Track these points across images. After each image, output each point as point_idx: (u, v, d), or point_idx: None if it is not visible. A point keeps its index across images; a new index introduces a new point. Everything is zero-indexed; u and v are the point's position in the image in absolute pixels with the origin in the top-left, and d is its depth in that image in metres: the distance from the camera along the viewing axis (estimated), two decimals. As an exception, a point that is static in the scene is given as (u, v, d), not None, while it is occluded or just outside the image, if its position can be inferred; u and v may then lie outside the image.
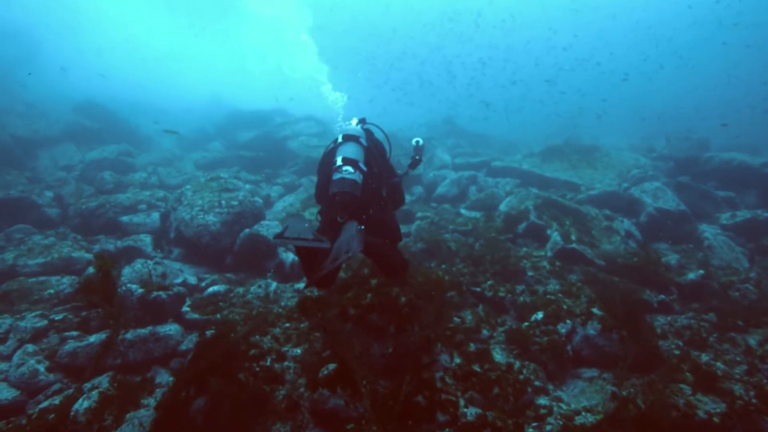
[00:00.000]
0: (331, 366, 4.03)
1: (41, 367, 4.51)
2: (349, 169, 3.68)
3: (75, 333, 5.07)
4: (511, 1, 39.15)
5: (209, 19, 40.45)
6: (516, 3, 39.84)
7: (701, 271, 6.53)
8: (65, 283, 6.31)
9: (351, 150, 3.89)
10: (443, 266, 6.92)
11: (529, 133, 21.62)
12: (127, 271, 6.10)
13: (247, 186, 8.69)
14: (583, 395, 4.49)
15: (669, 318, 5.82)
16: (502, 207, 9.46)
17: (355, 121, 4.57)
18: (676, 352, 5.10)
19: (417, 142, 5.04)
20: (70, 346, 4.63)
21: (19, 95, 14.92)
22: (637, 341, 4.86)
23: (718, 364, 4.82)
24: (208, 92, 28.90)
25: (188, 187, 8.41)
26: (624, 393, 4.33)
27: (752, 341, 5.21)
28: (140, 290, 4.90)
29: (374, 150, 4.26)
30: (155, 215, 8.14)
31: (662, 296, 6.15)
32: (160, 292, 4.96)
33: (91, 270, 6.17)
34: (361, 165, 3.82)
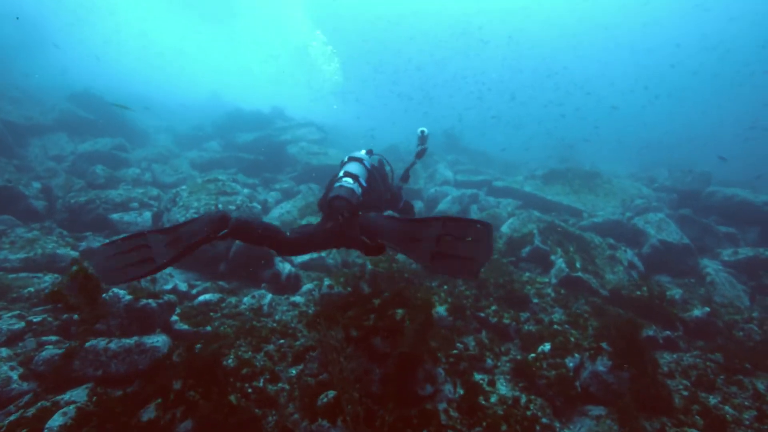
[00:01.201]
0: (331, 393, 3.76)
1: (14, 375, 4.15)
2: (350, 180, 4.07)
3: (54, 338, 4.73)
4: (517, 23, 39.76)
5: (217, 19, 40.52)
6: (521, 27, 40.53)
7: (707, 309, 6.40)
8: (47, 281, 5.96)
9: (354, 168, 4.30)
10: (445, 287, 6.70)
11: (528, 152, 21.74)
12: (114, 273, 5.75)
13: (245, 190, 8.41)
14: (591, 436, 4.27)
15: (675, 356, 5.67)
16: (505, 229, 9.32)
17: (363, 151, 4.98)
18: (684, 393, 4.94)
19: (422, 131, 5.45)
20: (47, 352, 4.28)
21: (15, 81, 14.51)
22: (645, 380, 4.68)
23: (727, 408, 4.68)
24: (208, 90, 28.71)
25: (184, 187, 8.12)
26: (634, 436, 4.13)
27: (760, 385, 5.07)
28: (128, 297, 4.59)
29: (376, 174, 4.68)
30: (147, 214, 7.81)
31: (668, 332, 6.01)
32: (150, 300, 4.65)
33: (74, 269, 5.82)
34: (362, 181, 4.20)
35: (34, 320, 4.99)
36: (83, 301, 4.60)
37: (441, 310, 5.71)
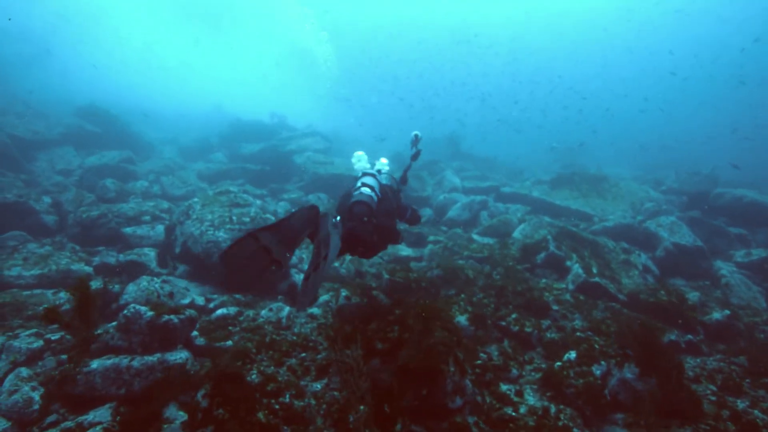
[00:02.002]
0: (362, 408, 3.70)
1: (36, 395, 4.10)
2: (367, 190, 4.77)
3: (74, 356, 4.67)
4: (518, 29, 40.08)
5: (219, 30, 40.79)
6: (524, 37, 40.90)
7: (727, 311, 6.35)
8: (62, 298, 5.91)
9: (370, 181, 4.99)
10: (462, 296, 6.65)
11: (534, 154, 21.79)
12: (131, 288, 5.71)
13: (258, 202, 8.38)
14: (623, 445, 4.21)
15: (698, 360, 5.61)
16: (516, 234, 9.30)
17: (384, 160, 5.89)
18: (712, 398, 4.88)
19: (416, 135, 6.06)
20: (69, 372, 4.23)
21: (20, 95, 14.53)
22: (672, 386, 4.62)
23: (756, 412, 4.61)
24: (211, 101, 28.81)
25: (196, 200, 8.09)
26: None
27: (790, 390, 5.01)
28: (150, 313, 4.53)
29: (387, 188, 5.34)
30: (160, 228, 7.76)
31: (689, 336, 5.96)
32: (172, 316, 4.59)
33: (93, 285, 5.77)
34: (377, 191, 4.90)
35: (53, 338, 4.95)
36: (78, 322, 4.55)
37: (462, 319, 5.66)
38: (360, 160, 6.20)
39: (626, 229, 9.38)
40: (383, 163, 5.99)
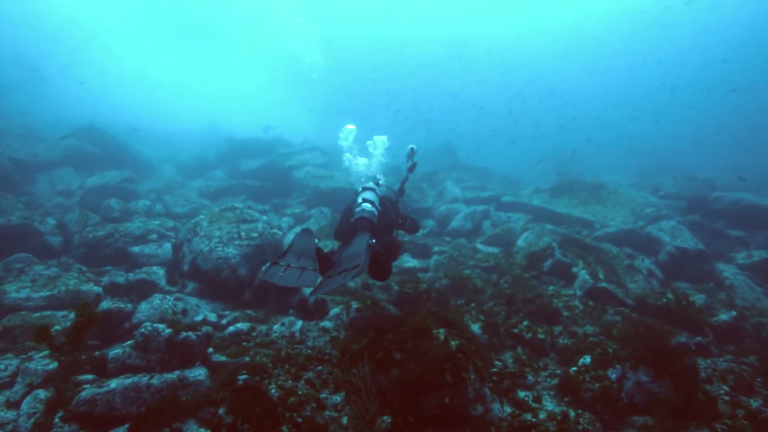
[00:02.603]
0: (387, 419, 3.71)
1: (56, 418, 4.07)
2: (368, 205, 4.99)
3: (90, 377, 4.65)
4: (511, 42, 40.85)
5: (210, 49, 41.20)
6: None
7: (734, 312, 6.44)
8: (72, 318, 5.87)
9: (370, 195, 5.21)
10: (472, 305, 6.69)
11: (525, 166, 22.07)
12: (144, 307, 5.71)
13: (264, 217, 8.42)
14: (644, 448, 4.23)
15: (709, 361, 5.67)
16: (521, 243, 9.39)
17: (381, 178, 6.09)
18: (726, 398, 4.93)
19: (411, 148, 6.25)
20: (87, 392, 4.19)
21: (16, 118, 14.56)
22: (687, 387, 4.67)
23: (770, 411, 4.66)
24: (206, 119, 28.97)
25: (202, 217, 8.11)
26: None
27: (801, 388, 5.08)
28: (168, 330, 4.54)
29: (386, 200, 5.59)
30: (167, 246, 7.77)
31: (698, 338, 6.02)
32: (189, 333, 4.59)
33: (104, 305, 5.76)
34: (377, 205, 5.13)
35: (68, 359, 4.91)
36: (67, 346, 4.53)
37: (475, 328, 5.69)
38: (349, 135, 6.42)
39: (628, 234, 9.51)
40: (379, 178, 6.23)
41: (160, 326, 4.57)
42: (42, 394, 4.30)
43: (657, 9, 34.69)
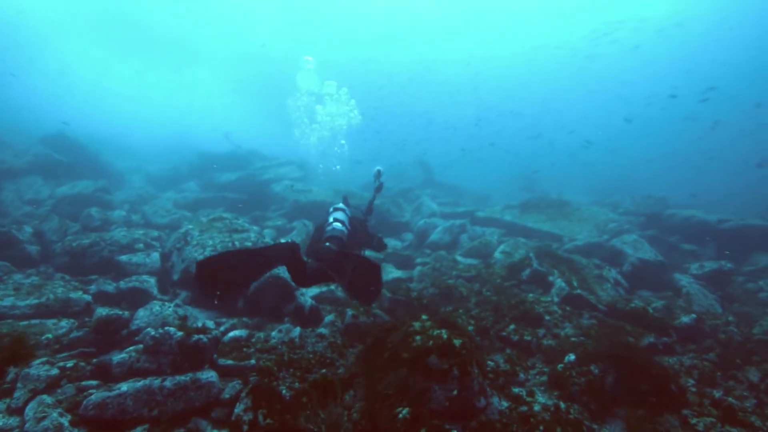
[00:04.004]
0: (404, 410, 3.96)
1: (65, 421, 4.02)
2: (338, 225, 5.33)
3: (94, 382, 4.61)
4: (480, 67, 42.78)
5: (172, 60, 40.53)
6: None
7: (693, 315, 7.15)
8: (64, 326, 5.77)
9: (340, 215, 5.57)
10: (460, 311, 7.06)
11: (493, 184, 23.12)
12: (143, 313, 5.68)
13: (255, 227, 8.51)
14: (627, 434, 4.68)
15: (675, 359, 6.27)
16: (497, 255, 9.91)
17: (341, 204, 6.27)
18: (693, 389, 5.51)
19: (378, 170, 6.70)
20: (96, 396, 4.18)
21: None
22: (658, 381, 5.20)
23: (730, 399, 5.25)
24: (172, 131, 28.45)
25: (190, 227, 8.11)
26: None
27: (753, 378, 5.74)
28: (180, 333, 4.59)
29: (355, 220, 6.03)
30: (155, 255, 7.68)
31: (665, 338, 6.64)
32: (201, 336, 4.67)
33: (99, 311, 5.68)
34: (347, 225, 5.47)
35: (68, 365, 4.84)
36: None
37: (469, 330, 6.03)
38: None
39: (595, 247, 10.27)
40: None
41: (171, 329, 4.63)
42: (48, 398, 4.23)
43: (586, 47, 37.74)
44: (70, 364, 4.87)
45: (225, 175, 16.31)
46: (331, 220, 5.49)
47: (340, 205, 5.92)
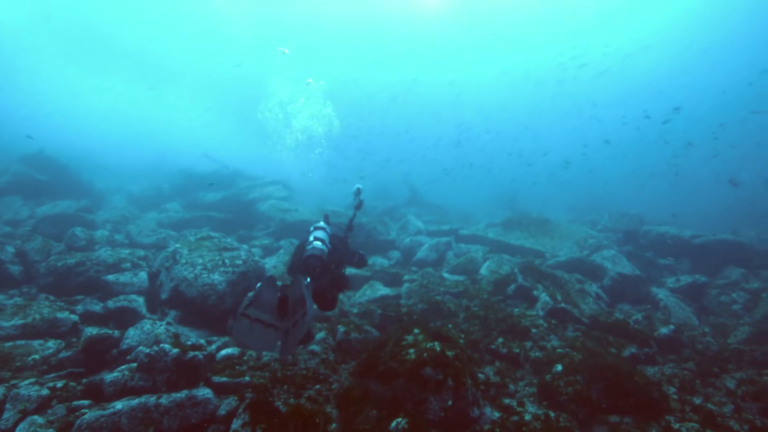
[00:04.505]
0: (402, 421, 4.04)
1: (58, 442, 3.97)
2: (318, 244, 5.40)
3: (86, 402, 4.55)
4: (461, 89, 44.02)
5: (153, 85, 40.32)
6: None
7: (672, 326, 7.46)
8: (51, 347, 5.65)
9: (320, 234, 5.66)
10: (449, 326, 7.19)
11: (474, 203, 23.62)
12: (133, 332, 5.63)
13: (245, 245, 8.53)
14: (615, 441, 4.84)
15: (656, 368, 6.52)
16: (483, 271, 10.13)
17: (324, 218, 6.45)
18: (675, 396, 5.74)
19: (358, 188, 6.82)
20: (90, 416, 4.13)
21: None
22: (642, 389, 5.42)
23: (710, 405, 5.50)
24: (153, 150, 28.23)
25: (178, 245, 8.08)
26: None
27: (729, 385, 6.03)
28: (175, 350, 4.59)
29: (335, 237, 6.11)
30: (143, 274, 7.62)
31: (646, 349, 6.90)
32: (197, 352, 4.67)
33: (88, 330, 5.60)
34: (327, 243, 5.56)
35: (58, 386, 4.76)
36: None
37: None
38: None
39: (576, 262, 10.60)
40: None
41: (167, 346, 4.62)
42: (39, 419, 4.16)
43: (556, 71, 39.48)
44: (59, 384, 4.80)
45: (209, 195, 16.26)
46: (311, 238, 5.57)
47: (321, 223, 6.04)
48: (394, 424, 4.02)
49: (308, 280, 4.94)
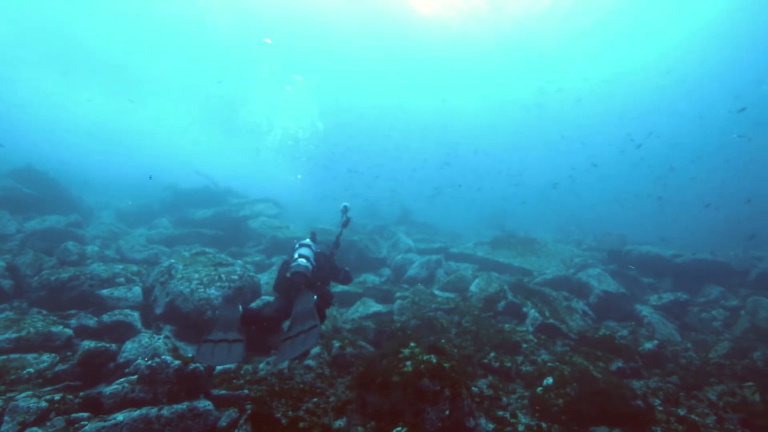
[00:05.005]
0: (403, 430, 4.15)
1: (57, 454, 3.97)
2: (303, 261, 5.49)
3: (85, 414, 4.55)
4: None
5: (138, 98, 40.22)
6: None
7: (656, 341, 7.73)
8: (45, 360, 5.62)
9: (305, 251, 5.75)
10: (442, 341, 7.33)
11: (463, 223, 24.01)
12: (130, 346, 5.65)
13: (240, 261, 8.60)
14: (605, 450, 5.00)
15: (642, 382, 6.75)
16: (473, 288, 10.34)
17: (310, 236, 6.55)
18: (660, 408, 5.95)
19: (345, 206, 6.91)
20: (91, 427, 4.14)
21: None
22: (630, 402, 5.62)
23: (693, 416, 5.73)
24: (142, 167, 28.12)
25: (173, 260, 8.12)
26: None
27: (712, 396, 6.27)
28: (177, 362, 4.64)
29: (321, 255, 6.22)
30: (137, 289, 7.62)
31: (632, 364, 7.14)
32: (197, 364, 4.73)
33: (85, 344, 5.60)
34: (312, 260, 5.67)
35: (55, 398, 4.75)
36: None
37: (453, 357, 6.30)
38: None
39: (563, 280, 10.89)
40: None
41: (168, 358, 4.67)
42: (39, 431, 4.16)
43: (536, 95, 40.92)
44: (57, 397, 4.78)
45: (199, 212, 16.26)
46: (296, 255, 5.66)
47: (306, 240, 6.14)
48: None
49: (315, 297, 5.17)
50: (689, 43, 36.20)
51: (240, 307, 5.10)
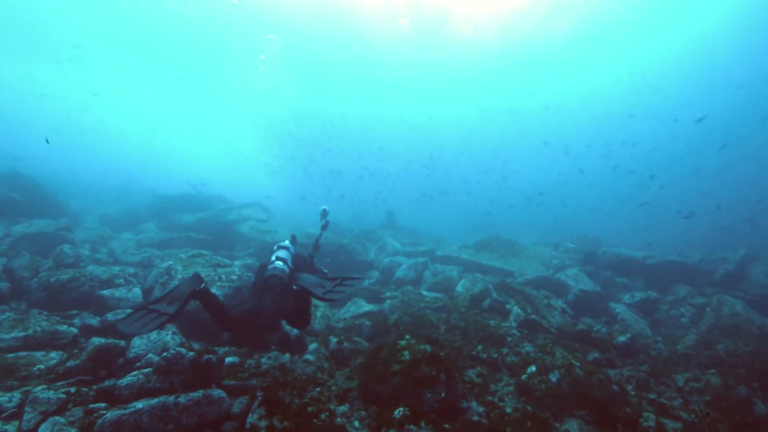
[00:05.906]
0: (403, 410, 4.56)
1: (81, 440, 4.23)
2: (280, 263, 5.65)
3: (103, 404, 4.80)
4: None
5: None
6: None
7: (629, 334, 8.35)
8: (54, 357, 5.82)
9: (282, 254, 5.93)
10: (433, 335, 7.77)
11: (446, 227, 24.65)
12: (139, 342, 5.89)
13: (237, 262, 8.86)
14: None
15: (616, 371, 7.33)
16: (459, 288, 10.83)
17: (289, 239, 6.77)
18: (633, 392, 6.53)
19: (324, 209, 7.28)
20: (112, 414, 4.40)
21: None
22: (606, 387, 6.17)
23: (662, 399, 6.33)
24: (126, 173, 27.84)
25: (170, 262, 8.35)
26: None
27: (679, 382, 6.89)
28: (191, 353, 4.93)
29: (299, 257, 6.41)
30: (136, 290, 7.81)
31: (607, 355, 7.72)
32: (211, 355, 5.04)
33: (95, 340, 5.82)
34: (289, 263, 5.82)
35: (71, 391, 4.97)
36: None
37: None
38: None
39: (543, 280, 11.51)
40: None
41: (183, 350, 4.97)
42: (61, 419, 4.39)
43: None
44: (72, 390, 5.01)
45: (186, 216, 16.32)
46: (273, 258, 5.77)
47: (284, 243, 6.29)
48: (396, 413, 4.53)
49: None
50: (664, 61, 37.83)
51: (203, 284, 5.03)
